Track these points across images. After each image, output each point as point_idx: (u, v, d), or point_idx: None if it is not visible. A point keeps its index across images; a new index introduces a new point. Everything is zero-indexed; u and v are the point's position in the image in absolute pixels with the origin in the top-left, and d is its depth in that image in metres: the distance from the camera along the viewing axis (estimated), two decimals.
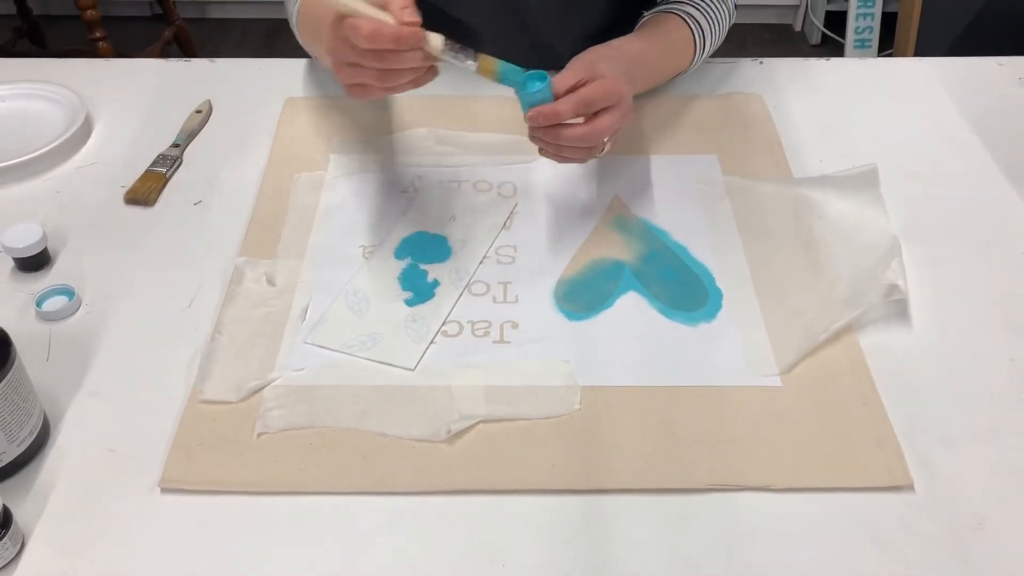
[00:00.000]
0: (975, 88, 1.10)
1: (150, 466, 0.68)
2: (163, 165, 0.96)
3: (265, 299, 0.81)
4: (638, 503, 0.66)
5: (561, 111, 0.77)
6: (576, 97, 0.77)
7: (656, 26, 0.98)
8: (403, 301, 0.81)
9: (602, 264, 0.85)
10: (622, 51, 0.88)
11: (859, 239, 0.85)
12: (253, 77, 1.11)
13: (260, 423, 0.70)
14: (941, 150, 1.00)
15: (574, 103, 0.77)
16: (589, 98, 0.78)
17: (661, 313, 0.80)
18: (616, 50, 0.88)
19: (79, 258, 0.86)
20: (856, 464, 0.68)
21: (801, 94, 1.08)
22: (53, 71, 1.10)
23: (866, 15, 2.66)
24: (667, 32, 0.98)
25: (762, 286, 0.82)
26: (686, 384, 0.74)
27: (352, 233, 0.88)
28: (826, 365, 0.75)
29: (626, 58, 0.87)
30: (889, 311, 0.80)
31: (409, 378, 0.74)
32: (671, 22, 0.98)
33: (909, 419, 0.71)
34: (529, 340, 0.77)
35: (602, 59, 0.83)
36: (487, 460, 0.68)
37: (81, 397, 0.73)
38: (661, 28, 0.98)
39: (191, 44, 2.60)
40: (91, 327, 0.79)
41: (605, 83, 0.79)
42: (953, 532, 0.64)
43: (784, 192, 0.91)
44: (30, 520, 0.65)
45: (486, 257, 0.85)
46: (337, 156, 0.97)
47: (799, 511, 0.66)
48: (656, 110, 1.04)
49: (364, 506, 0.66)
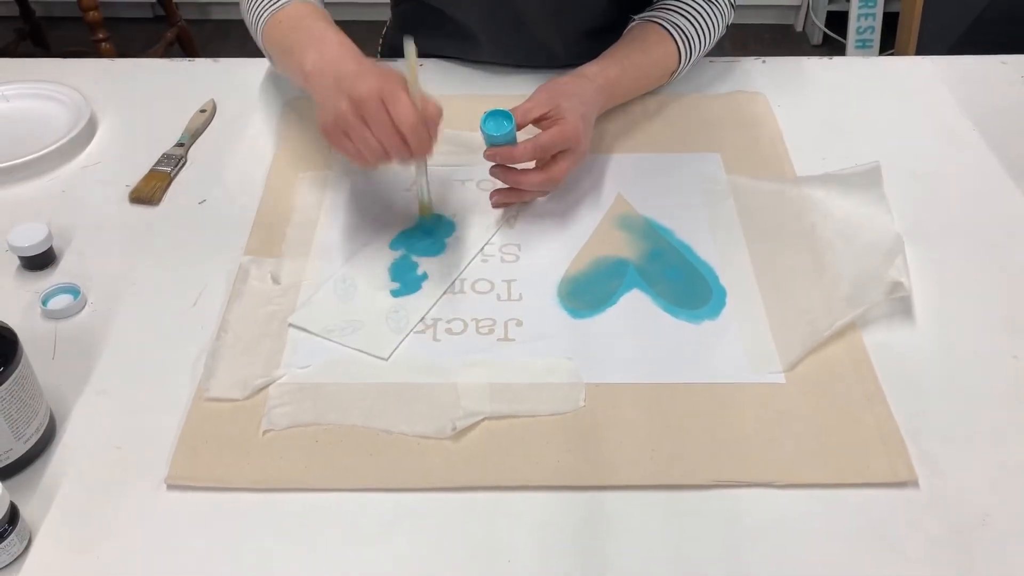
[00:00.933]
0: (978, 86, 1.10)
1: (156, 463, 0.68)
2: (167, 164, 0.96)
3: (270, 297, 0.81)
4: (642, 500, 0.66)
5: (517, 155, 0.83)
6: (533, 144, 0.83)
7: (637, 42, 0.99)
8: (389, 292, 0.81)
9: (606, 262, 0.85)
10: (593, 82, 0.92)
11: (862, 237, 0.85)
12: (257, 77, 1.11)
13: (266, 420, 0.71)
14: (944, 149, 1.00)
15: (531, 149, 0.83)
16: (546, 145, 0.84)
17: (665, 311, 0.80)
18: (585, 82, 0.91)
19: (84, 257, 0.86)
20: (860, 461, 0.68)
21: (804, 93, 1.08)
22: (58, 71, 1.11)
23: (867, 15, 2.66)
24: (647, 49, 0.99)
25: (766, 284, 0.82)
26: (690, 381, 0.74)
27: (356, 231, 0.88)
28: (830, 362, 0.75)
29: (594, 89, 0.91)
30: (892, 309, 0.80)
31: (414, 375, 0.74)
32: (653, 35, 0.99)
33: (913, 416, 0.71)
34: (533, 338, 0.78)
35: (566, 96, 0.87)
36: (492, 457, 0.68)
37: (87, 395, 0.73)
38: (641, 44, 0.99)
39: (193, 45, 2.60)
40: (96, 325, 0.79)
41: (564, 129, 0.84)
42: (957, 529, 0.64)
43: (787, 190, 0.92)
44: (37, 516, 0.65)
45: (483, 255, 0.86)
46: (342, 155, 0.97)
47: (803, 508, 0.66)
48: (660, 109, 1.04)
49: (369, 503, 0.66)
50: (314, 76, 0.82)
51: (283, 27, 0.90)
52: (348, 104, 0.76)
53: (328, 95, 0.78)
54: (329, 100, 0.78)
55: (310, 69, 0.82)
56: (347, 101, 0.76)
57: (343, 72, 0.79)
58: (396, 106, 0.74)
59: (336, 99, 0.77)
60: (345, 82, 0.77)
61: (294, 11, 0.90)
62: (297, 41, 0.86)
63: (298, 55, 0.85)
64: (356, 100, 0.75)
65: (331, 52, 0.82)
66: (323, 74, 0.81)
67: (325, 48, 0.83)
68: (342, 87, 0.77)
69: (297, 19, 0.89)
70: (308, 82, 0.83)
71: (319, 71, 0.81)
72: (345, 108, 0.76)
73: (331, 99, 0.78)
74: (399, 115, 0.74)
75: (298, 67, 0.85)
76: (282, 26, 0.90)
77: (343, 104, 0.76)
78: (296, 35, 0.87)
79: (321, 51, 0.83)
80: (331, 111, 0.77)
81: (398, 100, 0.74)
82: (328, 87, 0.79)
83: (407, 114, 0.74)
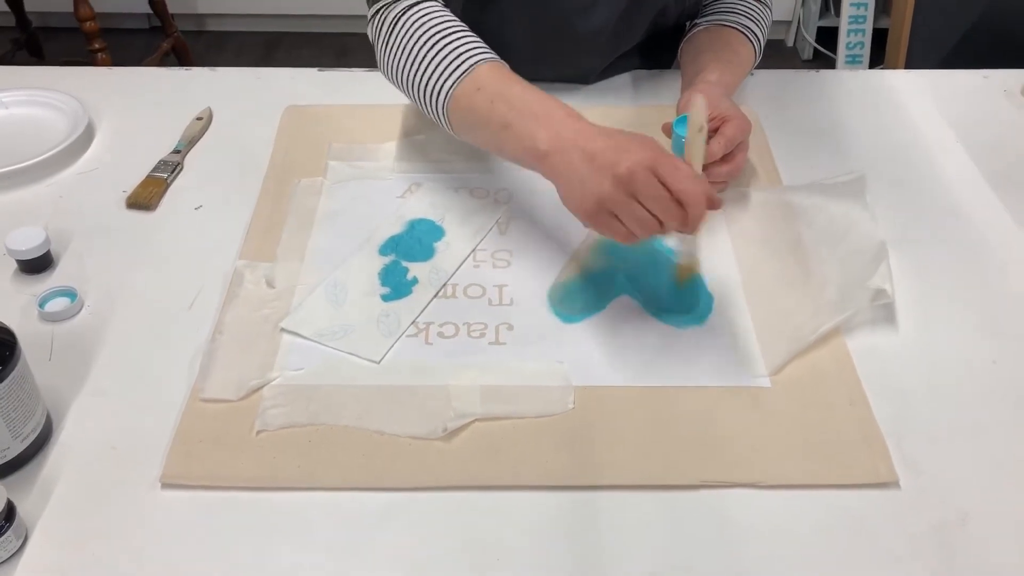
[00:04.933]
0: (961, 99, 1.12)
1: (151, 462, 0.69)
2: (164, 171, 0.98)
3: (265, 301, 0.82)
4: (630, 499, 0.67)
5: (715, 152, 0.85)
6: (724, 138, 0.86)
7: (728, 46, 1.03)
8: (380, 296, 0.83)
9: (596, 269, 0.86)
10: (720, 85, 0.95)
11: (847, 244, 0.86)
12: (253, 85, 1.13)
13: (259, 421, 0.72)
14: (928, 159, 1.02)
15: (724, 144, 0.86)
16: (733, 137, 0.87)
17: (653, 316, 0.82)
18: (716, 87, 0.93)
19: (81, 261, 0.87)
20: (843, 462, 0.69)
21: (791, 105, 1.10)
22: (56, 79, 1.12)
23: (857, 31, 2.70)
24: (737, 50, 1.03)
25: (752, 290, 0.84)
26: (677, 385, 0.75)
27: (350, 237, 0.89)
28: (814, 366, 0.77)
29: (722, 91, 0.93)
30: (876, 314, 0.82)
31: (406, 378, 0.75)
32: (735, 39, 1.04)
33: (895, 418, 0.73)
34: (524, 342, 0.79)
35: (719, 97, 0.90)
36: (483, 457, 0.70)
37: (83, 396, 0.74)
38: (731, 48, 1.03)
39: (188, 56, 2.62)
40: (93, 328, 0.80)
41: (740, 123, 0.88)
42: (938, 527, 0.66)
43: (774, 199, 0.93)
44: (33, 514, 0.66)
45: (475, 260, 0.87)
46: (336, 162, 0.99)
47: (788, 508, 0.67)
48: (649, 120, 1.05)
49: (361, 502, 0.67)
50: (554, 155, 0.76)
51: (483, 97, 0.81)
52: (612, 183, 0.71)
53: (580, 176, 0.74)
54: (584, 183, 0.73)
55: (547, 148, 0.76)
56: (611, 180, 0.71)
57: (593, 149, 0.73)
58: (675, 176, 0.70)
59: (595, 181, 0.72)
60: (600, 159, 0.72)
61: (488, 77, 0.82)
62: (516, 118, 0.79)
63: (524, 134, 0.78)
64: (623, 177, 0.71)
65: (566, 129, 0.76)
66: (565, 152, 0.75)
67: (554, 123, 0.77)
68: (598, 164, 0.72)
69: (498, 88, 0.81)
70: (545, 162, 0.77)
71: (558, 150, 0.75)
72: (609, 188, 0.71)
73: (587, 181, 0.73)
74: (680, 186, 0.70)
75: (527, 147, 0.78)
76: (482, 95, 0.81)
77: (606, 184, 0.71)
78: (509, 110, 0.79)
79: (554, 128, 0.77)
80: (593, 195, 0.72)
81: (677, 169, 0.70)
82: (576, 167, 0.74)
83: (690, 185, 0.70)
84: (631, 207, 0.71)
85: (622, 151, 0.72)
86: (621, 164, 0.71)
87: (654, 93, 1.12)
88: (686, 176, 0.71)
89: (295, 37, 3.00)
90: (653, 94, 1.12)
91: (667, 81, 1.13)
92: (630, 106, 1.10)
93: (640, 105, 1.10)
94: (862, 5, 2.67)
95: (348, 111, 1.06)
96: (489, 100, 0.81)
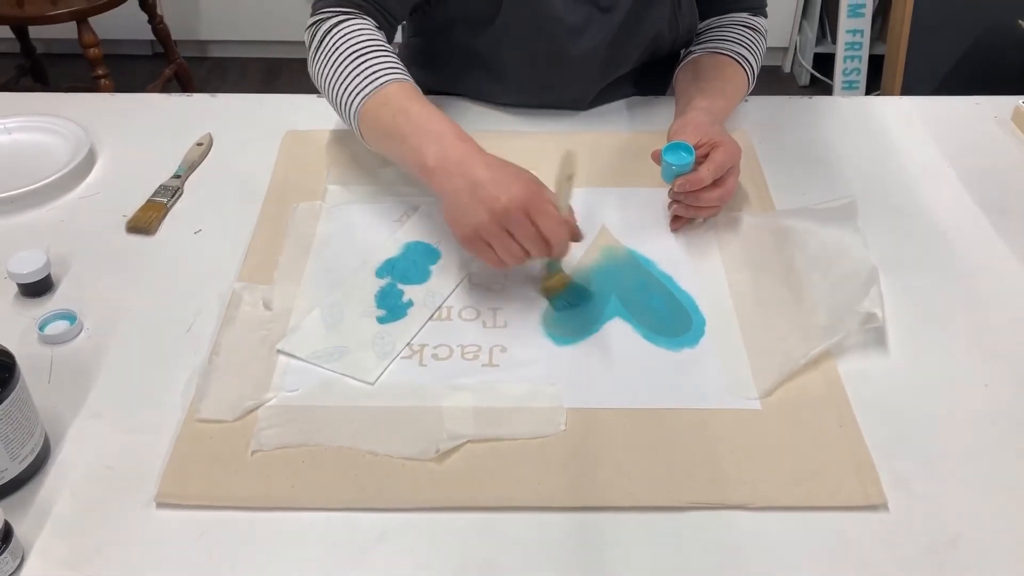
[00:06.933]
0: (953, 126, 1.14)
1: (147, 482, 0.70)
2: (164, 195, 0.99)
3: (262, 323, 0.83)
4: (622, 520, 0.68)
5: (704, 178, 0.89)
6: (713, 164, 0.89)
7: (720, 74, 1.06)
8: (375, 318, 0.84)
9: (589, 291, 0.87)
10: (710, 113, 0.97)
11: (838, 268, 0.87)
12: (253, 111, 1.14)
13: (254, 441, 0.72)
14: (919, 184, 1.03)
15: (713, 170, 0.89)
16: (722, 163, 0.90)
17: (646, 339, 0.82)
18: (705, 114, 0.96)
19: (81, 284, 0.88)
20: (833, 485, 0.70)
21: (786, 130, 1.12)
22: (59, 105, 1.14)
23: (853, 57, 2.72)
24: (729, 78, 1.06)
25: (744, 314, 0.85)
26: (669, 407, 0.76)
27: (347, 261, 0.90)
28: (805, 389, 0.78)
29: (712, 119, 0.96)
30: (867, 338, 0.83)
31: (400, 399, 0.76)
32: (729, 67, 1.07)
33: (885, 441, 0.73)
34: (517, 364, 0.80)
35: (709, 124, 0.93)
36: (475, 478, 0.70)
37: (82, 417, 0.75)
38: (724, 76, 1.06)
39: (191, 82, 2.65)
40: (92, 350, 0.81)
41: (729, 148, 0.91)
42: (928, 549, 0.66)
43: (767, 224, 0.94)
44: (30, 535, 0.66)
45: (469, 283, 0.88)
46: (334, 187, 1.00)
47: (778, 529, 0.67)
48: (642, 146, 1.07)
49: (355, 522, 0.68)
50: (439, 172, 0.82)
51: (387, 111, 0.87)
52: (489, 216, 0.78)
53: (461, 202, 0.79)
54: (465, 209, 0.79)
55: (433, 165, 0.82)
56: (488, 213, 0.78)
57: (477, 180, 0.79)
58: (543, 218, 0.78)
59: (474, 210, 0.78)
60: (482, 191, 0.78)
61: (395, 94, 0.88)
62: (411, 132, 0.85)
63: (415, 147, 0.84)
64: (499, 213, 0.77)
65: (454, 151, 0.82)
66: (449, 174, 0.81)
67: (445, 144, 0.83)
68: (479, 196, 0.78)
69: (401, 103, 0.87)
70: (429, 176, 0.83)
71: (443, 169, 0.81)
72: (486, 220, 0.78)
73: (467, 208, 0.79)
74: (548, 229, 0.78)
75: (416, 160, 0.84)
76: (387, 109, 0.87)
77: (483, 216, 0.78)
78: (406, 124, 0.85)
79: (442, 146, 0.82)
80: (471, 224, 0.79)
81: (546, 214, 0.78)
82: (460, 192, 0.80)
83: (557, 228, 0.79)
84: (504, 240, 0.79)
85: (502, 188, 0.78)
86: (499, 200, 0.77)
87: (648, 120, 1.13)
88: (553, 219, 0.79)
89: (297, 64, 3.03)
90: (647, 120, 1.13)
91: (661, 108, 1.15)
92: (624, 132, 1.11)
93: (634, 131, 1.11)
94: (858, 32, 2.69)
95: (347, 136, 1.07)
96: (392, 114, 0.87)
